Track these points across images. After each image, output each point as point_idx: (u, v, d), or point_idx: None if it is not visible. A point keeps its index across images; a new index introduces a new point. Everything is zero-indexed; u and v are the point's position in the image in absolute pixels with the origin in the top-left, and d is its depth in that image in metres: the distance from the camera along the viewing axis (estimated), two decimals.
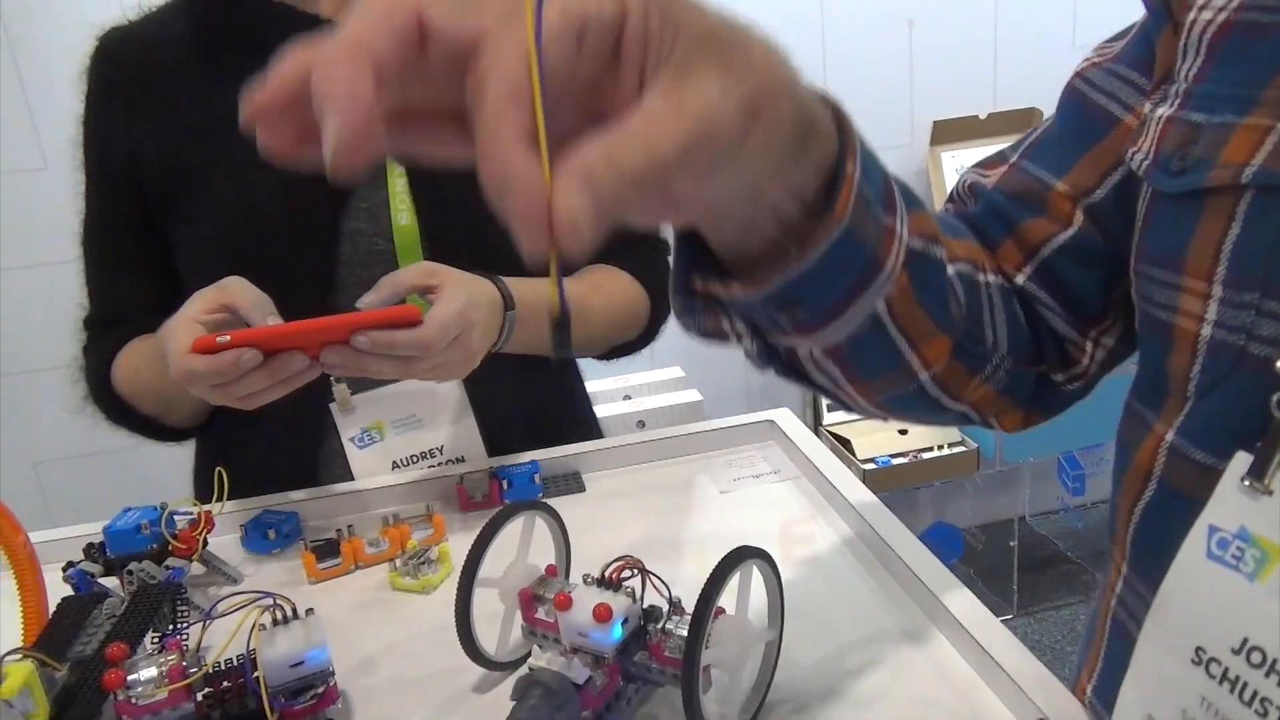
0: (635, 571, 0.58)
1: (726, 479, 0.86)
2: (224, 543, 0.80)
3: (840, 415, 2.30)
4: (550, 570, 0.62)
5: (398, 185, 0.89)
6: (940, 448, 2.23)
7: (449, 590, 0.73)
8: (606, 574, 0.58)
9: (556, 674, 0.54)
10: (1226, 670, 0.40)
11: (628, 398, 2.13)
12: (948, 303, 0.50)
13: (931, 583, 0.64)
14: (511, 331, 0.83)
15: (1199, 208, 0.45)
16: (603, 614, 0.54)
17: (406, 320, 0.72)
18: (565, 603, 0.55)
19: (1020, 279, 0.57)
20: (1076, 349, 0.58)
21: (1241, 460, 0.41)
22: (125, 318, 0.96)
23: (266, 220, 0.87)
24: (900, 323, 0.48)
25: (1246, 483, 0.40)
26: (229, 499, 0.77)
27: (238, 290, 0.76)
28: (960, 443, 2.24)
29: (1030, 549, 2.51)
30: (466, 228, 0.88)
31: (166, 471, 1.14)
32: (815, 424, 2.36)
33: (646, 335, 1.02)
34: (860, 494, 0.77)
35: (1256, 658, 0.39)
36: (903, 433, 2.26)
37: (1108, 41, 0.58)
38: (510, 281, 0.84)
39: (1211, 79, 0.46)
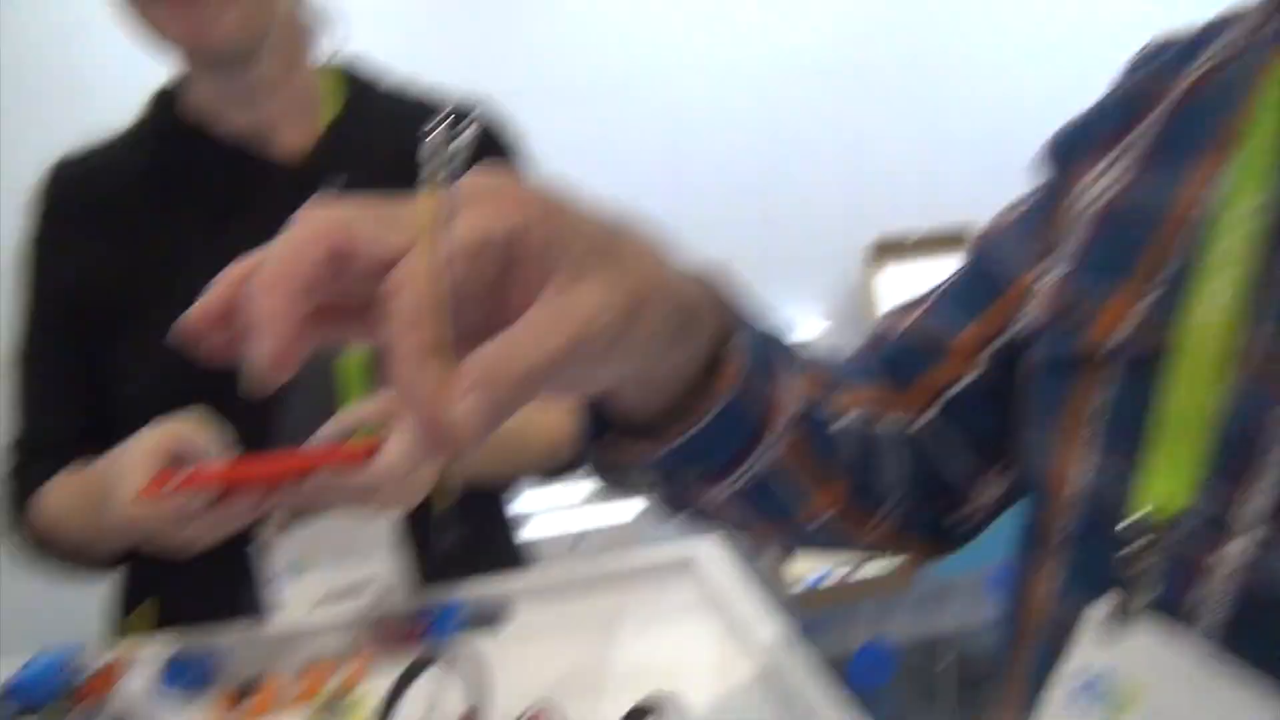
0: None
1: (648, 614, 0.87)
2: (140, 680, 0.79)
3: None
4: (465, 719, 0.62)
5: None
6: (867, 563, 2.26)
7: None
8: None
9: None
10: None
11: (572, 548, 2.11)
12: (838, 452, 0.55)
13: None
14: (459, 464, 0.85)
15: (1074, 375, 0.50)
16: None
17: (356, 461, 0.73)
18: None
19: (919, 424, 0.61)
20: (963, 497, 0.61)
21: (1098, 607, 0.45)
22: (55, 444, 0.95)
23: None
24: (796, 472, 0.53)
25: (1102, 628, 0.44)
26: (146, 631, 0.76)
27: (185, 434, 0.76)
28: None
29: (970, 664, 2.52)
30: None
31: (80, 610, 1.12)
32: None
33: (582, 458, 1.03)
34: (775, 632, 0.79)
35: None
36: None
37: (1008, 207, 0.62)
38: None
39: (1091, 254, 0.51)
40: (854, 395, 0.59)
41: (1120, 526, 0.44)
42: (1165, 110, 0.51)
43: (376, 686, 0.76)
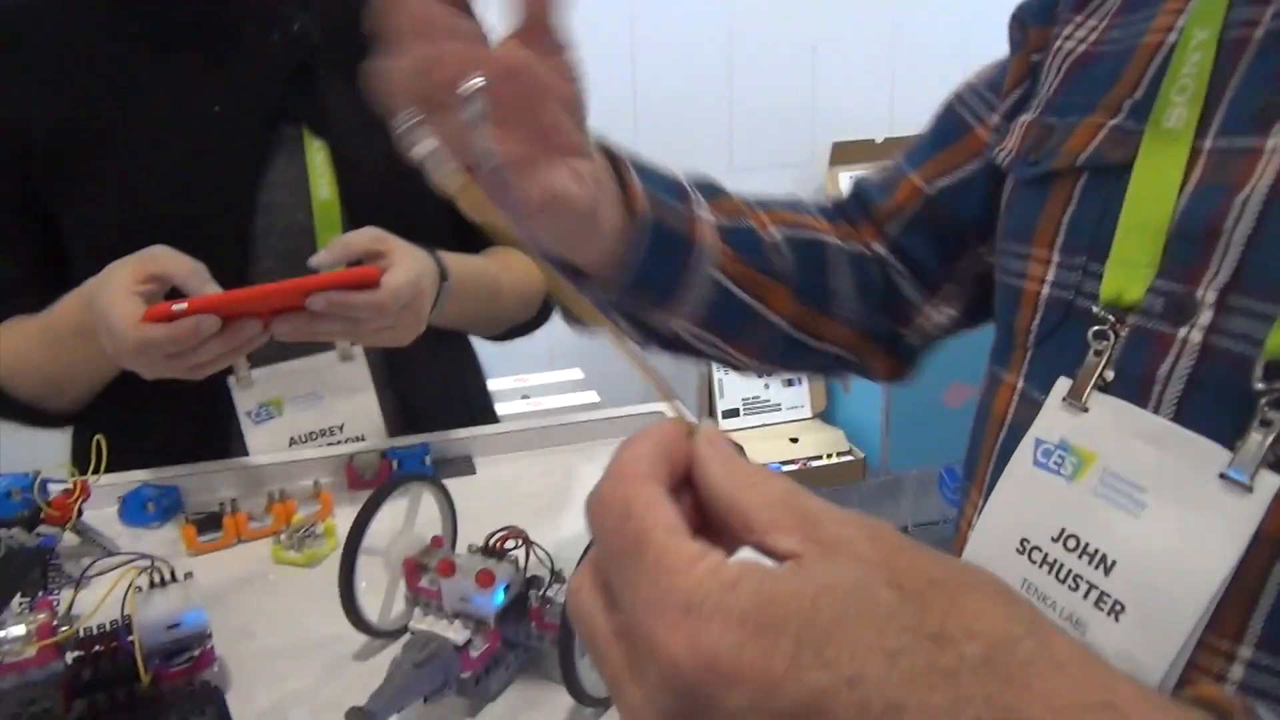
0: (519, 542, 0.60)
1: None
2: (101, 515, 0.78)
3: (735, 421, 2.35)
4: (436, 542, 0.63)
5: (317, 159, 0.89)
6: (829, 456, 2.31)
7: (333, 564, 0.72)
8: (491, 543, 0.60)
9: (436, 635, 0.55)
10: (1046, 555, 0.48)
11: (525, 397, 2.14)
12: (769, 259, 0.62)
13: None
14: (445, 304, 0.84)
15: (1047, 189, 0.55)
16: (485, 579, 0.55)
17: (364, 282, 0.72)
18: (449, 569, 0.57)
19: (876, 247, 0.69)
20: (917, 311, 0.69)
21: (1063, 384, 0.50)
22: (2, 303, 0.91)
23: (177, 190, 0.85)
24: (739, 282, 0.61)
25: (1066, 403, 0.50)
26: (109, 471, 0.75)
27: (168, 260, 0.73)
28: (848, 452, 2.32)
29: None
30: (387, 202, 0.88)
31: (40, 444, 1.10)
32: None
33: (542, 315, 1.04)
34: None
35: (1072, 543, 0.47)
36: (794, 440, 2.32)
37: (986, 67, 0.68)
38: (442, 255, 0.85)
39: (1065, 93, 0.57)
40: (783, 216, 0.66)
41: (1094, 311, 0.49)
42: None
43: (344, 522, 0.77)
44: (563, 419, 0.94)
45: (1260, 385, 0.42)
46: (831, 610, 0.23)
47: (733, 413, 2.36)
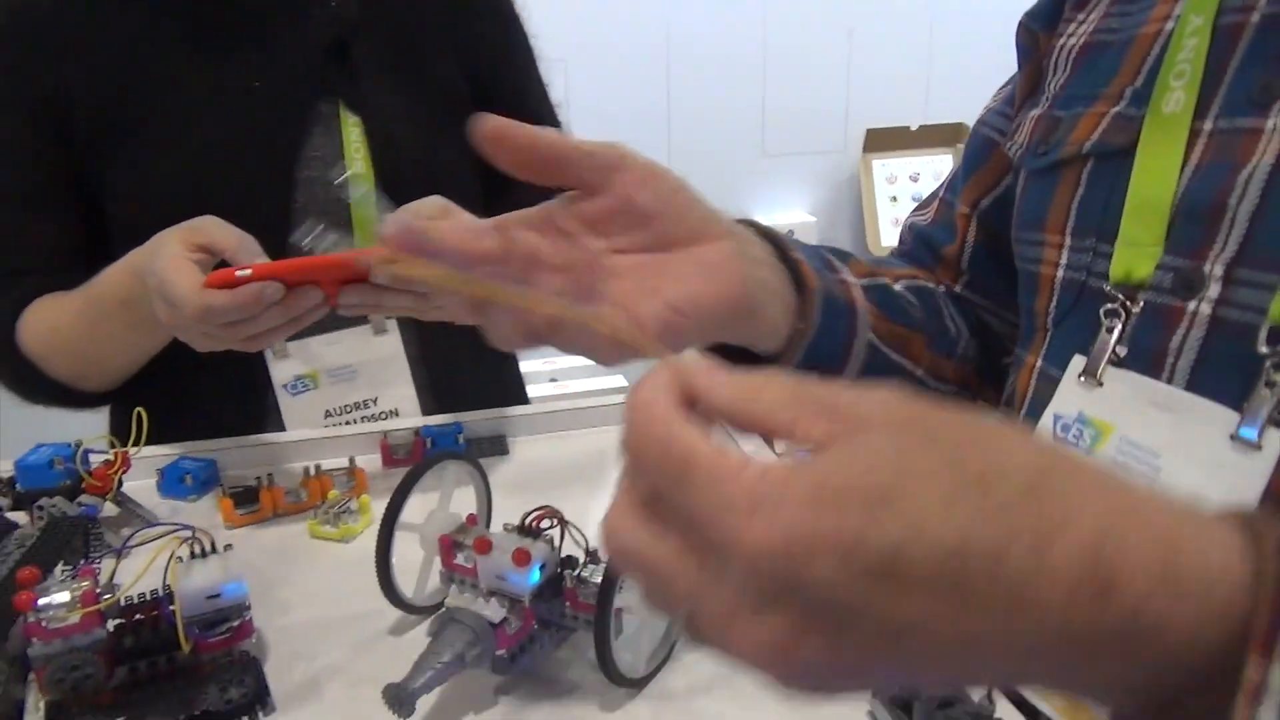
0: (554, 521, 0.60)
1: None
2: (139, 487, 0.79)
3: None
4: (471, 520, 0.63)
5: (352, 134, 0.89)
6: None
7: (368, 540, 0.73)
8: (526, 522, 0.60)
9: (473, 612, 0.55)
10: None
11: (554, 380, 2.15)
12: (908, 311, 0.64)
13: None
14: None
15: (1056, 177, 0.58)
16: (521, 558, 0.55)
17: None
18: (485, 546, 0.57)
19: (958, 289, 0.71)
20: (1009, 339, 0.68)
21: (1078, 362, 0.53)
22: (35, 267, 0.91)
23: (217, 166, 0.86)
24: (886, 340, 0.62)
25: (1082, 379, 0.52)
26: (148, 444, 0.76)
27: (216, 231, 0.72)
28: None
29: None
30: (421, 177, 0.88)
31: (83, 423, 1.11)
32: None
33: None
34: None
35: None
36: None
37: (1001, 87, 0.72)
38: None
39: (1071, 85, 0.60)
40: (898, 271, 0.68)
41: (1106, 290, 0.53)
42: None
43: (379, 499, 0.78)
44: (594, 401, 0.94)
45: (1265, 349, 0.45)
46: (883, 475, 0.25)
47: None
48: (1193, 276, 0.49)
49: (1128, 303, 0.51)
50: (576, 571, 0.58)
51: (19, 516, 0.71)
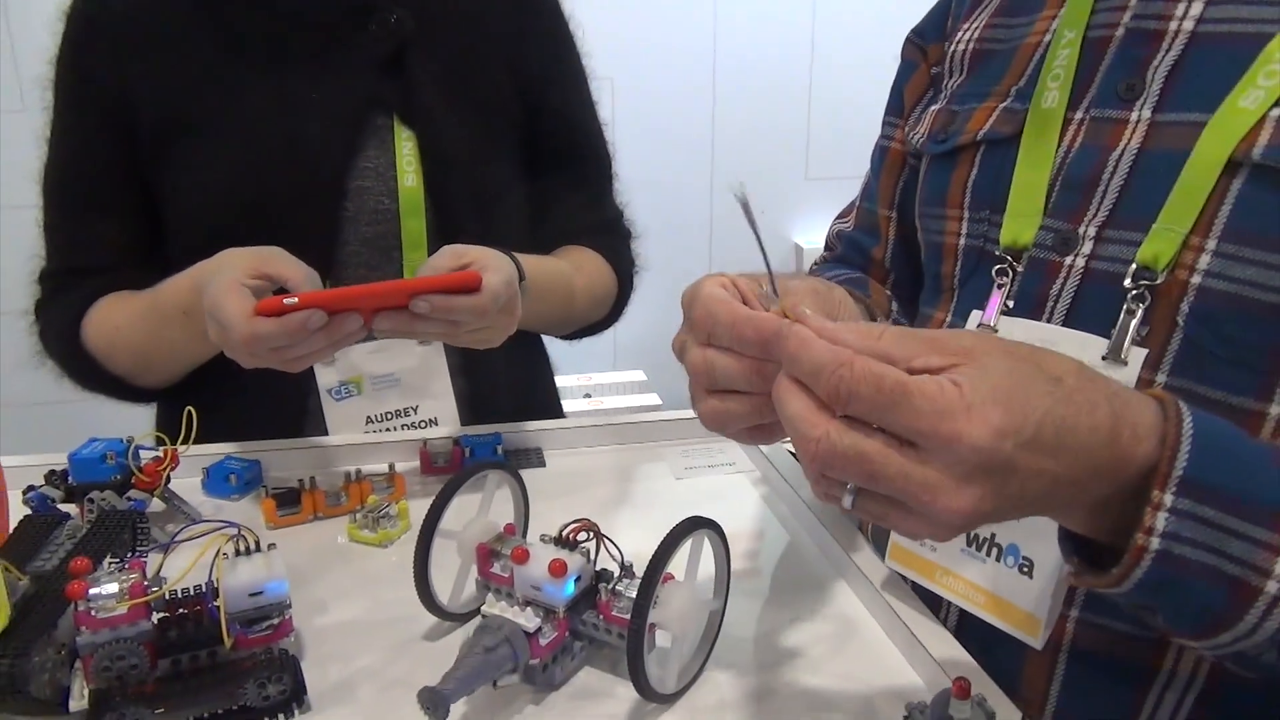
0: (591, 534, 0.61)
1: (682, 466, 0.89)
2: (185, 485, 0.81)
3: None
4: (509, 529, 0.64)
5: (405, 148, 0.91)
6: None
7: (406, 545, 0.75)
8: (563, 534, 0.60)
9: (508, 620, 0.56)
10: None
11: (588, 396, 2.16)
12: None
13: (876, 578, 0.67)
14: (522, 304, 0.85)
15: (954, 161, 0.69)
16: (557, 569, 0.56)
17: (466, 286, 0.73)
18: (522, 556, 0.57)
19: (887, 290, 0.83)
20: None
21: (975, 315, 0.63)
22: (99, 266, 0.94)
23: (272, 173, 0.88)
24: None
25: (981, 328, 0.62)
26: (195, 443, 0.77)
27: (283, 263, 0.75)
28: None
29: None
30: (470, 193, 0.90)
31: (128, 420, 1.14)
32: None
33: (612, 315, 1.05)
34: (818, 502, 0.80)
35: None
36: None
37: (885, 109, 0.84)
38: (518, 256, 0.86)
39: (966, 84, 0.71)
40: (843, 278, 0.79)
41: (997, 253, 0.63)
42: None
43: (417, 505, 0.79)
44: (629, 419, 0.95)
45: (1129, 284, 0.56)
46: (1012, 382, 0.41)
47: None
48: (1069, 236, 0.60)
49: (1015, 263, 0.62)
50: (611, 585, 0.59)
51: (70, 509, 0.73)
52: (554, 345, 1.13)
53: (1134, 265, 0.56)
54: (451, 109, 0.94)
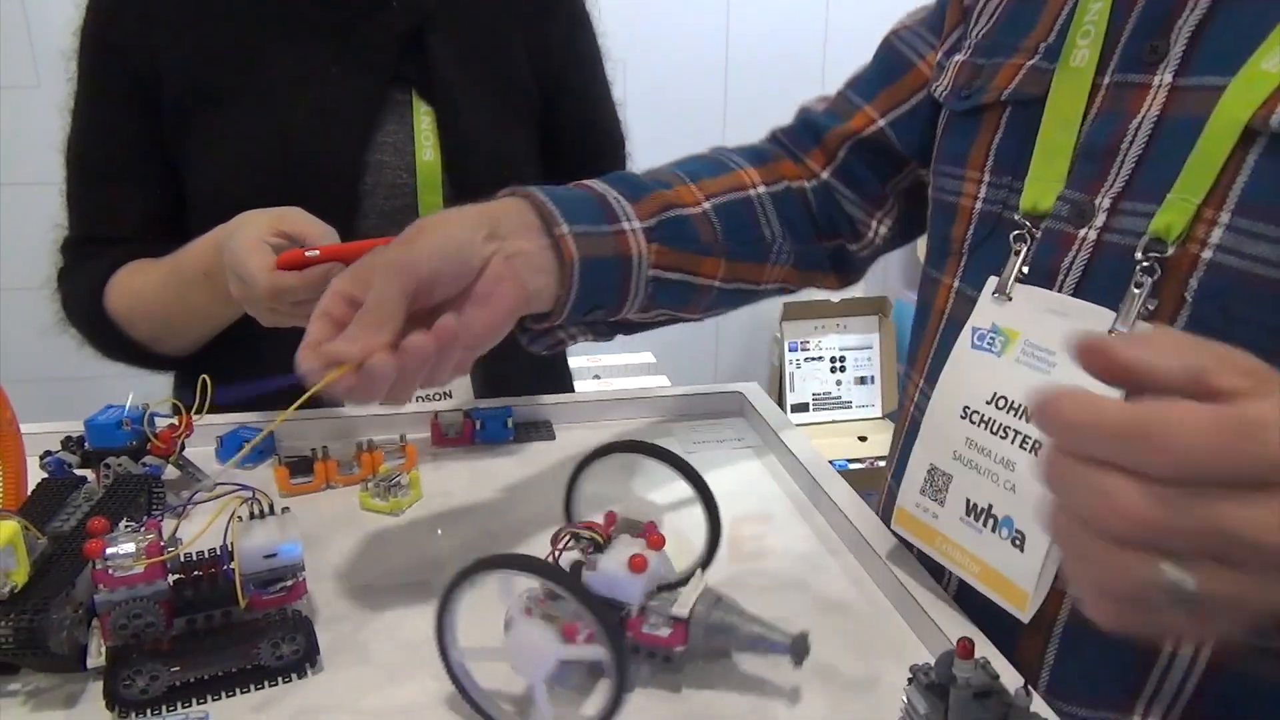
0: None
1: (691, 441, 0.89)
2: (199, 453, 0.82)
3: (804, 416, 2.34)
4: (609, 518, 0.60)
5: (423, 122, 0.92)
6: None
7: (416, 513, 0.76)
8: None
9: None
10: (983, 416, 0.59)
11: (597, 377, 2.16)
12: (699, 237, 0.73)
13: (881, 548, 0.68)
14: None
15: (977, 121, 0.66)
16: (638, 565, 0.54)
17: None
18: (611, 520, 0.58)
19: (824, 173, 0.81)
20: (864, 226, 0.82)
21: (992, 281, 0.62)
22: (121, 235, 0.95)
23: (293, 146, 0.89)
24: (673, 268, 0.72)
25: (995, 296, 0.61)
26: (208, 412, 0.78)
27: (302, 220, 0.76)
28: None
29: None
30: (488, 167, 0.90)
31: (139, 383, 1.14)
32: None
33: None
34: (824, 471, 0.80)
35: (1002, 403, 0.58)
36: (862, 439, 2.30)
37: (915, 10, 0.80)
38: None
39: (993, 36, 0.68)
40: (716, 184, 0.77)
41: (1015, 219, 0.61)
42: None
43: (427, 475, 0.80)
44: (642, 392, 0.96)
45: (1139, 256, 0.54)
46: None
47: (802, 407, 2.35)
48: (1085, 208, 0.57)
49: (1033, 230, 0.60)
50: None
51: (86, 474, 0.73)
52: None
53: (1146, 237, 0.54)
54: (470, 85, 0.94)
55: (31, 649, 0.52)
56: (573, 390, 1.14)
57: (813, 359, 2.35)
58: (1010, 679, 0.49)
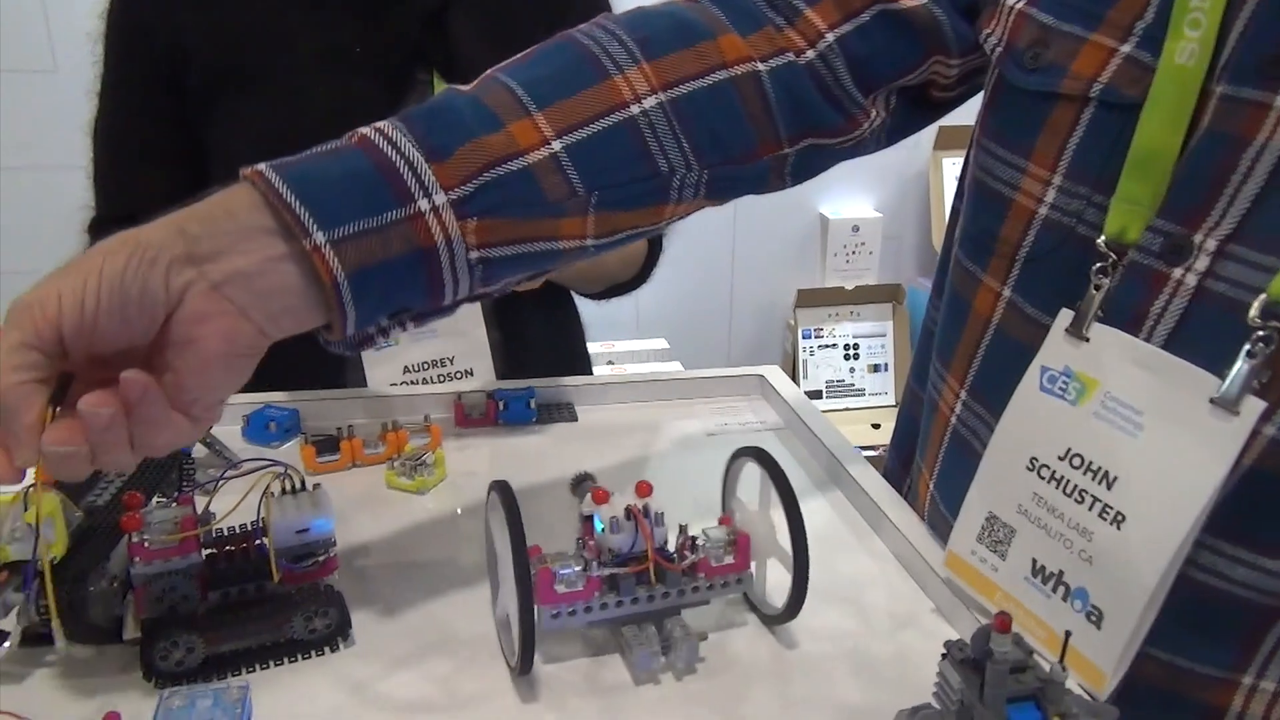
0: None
1: (713, 423, 0.90)
2: (226, 432, 0.83)
3: (817, 404, 2.34)
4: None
5: None
6: None
7: (442, 492, 0.76)
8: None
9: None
10: (1054, 472, 0.52)
11: (611, 363, 2.17)
12: (542, 197, 0.53)
13: (909, 531, 0.68)
14: None
15: (1049, 109, 0.54)
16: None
17: None
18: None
19: (830, 37, 0.60)
20: (859, 118, 0.63)
21: (1065, 316, 0.53)
22: (148, 214, 0.96)
23: (314, 126, 0.89)
24: (512, 241, 0.53)
25: (1069, 332, 0.53)
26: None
27: None
28: None
29: None
30: None
31: None
32: None
33: (642, 275, 1.06)
34: (846, 451, 0.80)
35: (1077, 461, 0.52)
36: (875, 426, 2.30)
37: None
38: None
39: None
40: (580, 100, 0.57)
41: (1098, 246, 0.51)
42: None
43: (451, 455, 0.80)
44: (664, 375, 0.96)
45: (1257, 322, 0.45)
46: None
47: (815, 394, 2.36)
48: (1181, 244, 0.48)
49: (1119, 260, 0.51)
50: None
51: None
52: (580, 309, 1.14)
53: (1265, 296, 0.45)
54: (489, 64, 0.94)
55: (73, 619, 0.53)
56: (592, 370, 1.14)
57: (826, 346, 2.35)
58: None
